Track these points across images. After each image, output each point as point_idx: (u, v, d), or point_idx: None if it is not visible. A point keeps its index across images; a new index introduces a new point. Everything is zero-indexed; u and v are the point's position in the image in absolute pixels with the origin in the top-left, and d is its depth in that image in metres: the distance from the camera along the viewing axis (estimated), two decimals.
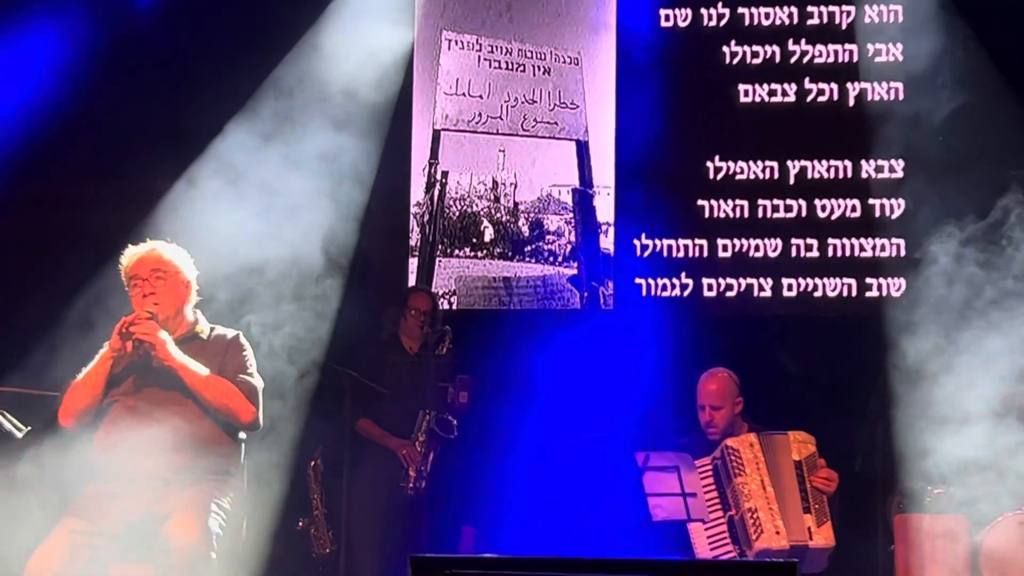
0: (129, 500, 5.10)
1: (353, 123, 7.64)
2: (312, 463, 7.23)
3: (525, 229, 7.99)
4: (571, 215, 7.94)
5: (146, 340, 5.15)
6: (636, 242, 7.84)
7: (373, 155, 7.74)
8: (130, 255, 5.36)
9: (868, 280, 7.63)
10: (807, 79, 7.76)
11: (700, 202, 7.79)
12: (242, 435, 5.36)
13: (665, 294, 7.79)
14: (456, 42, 8.04)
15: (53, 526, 5.14)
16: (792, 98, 7.76)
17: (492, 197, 8.00)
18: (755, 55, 7.81)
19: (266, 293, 7.03)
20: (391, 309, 7.51)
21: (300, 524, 7.21)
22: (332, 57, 7.64)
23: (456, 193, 8.03)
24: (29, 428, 5.88)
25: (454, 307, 7.96)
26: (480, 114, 8.02)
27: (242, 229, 7.17)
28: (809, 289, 7.69)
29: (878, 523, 6.71)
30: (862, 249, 7.65)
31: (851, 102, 7.71)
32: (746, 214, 7.75)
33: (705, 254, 7.78)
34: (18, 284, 7.62)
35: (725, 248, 7.76)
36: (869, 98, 7.67)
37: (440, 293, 7.87)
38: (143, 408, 5.21)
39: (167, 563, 4.96)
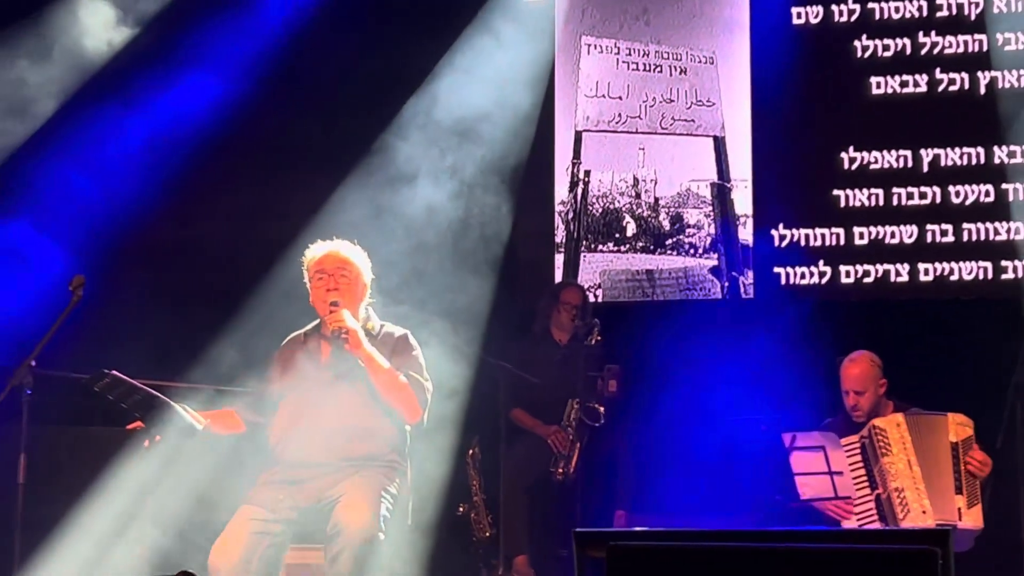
0: (302, 487, 5.21)
1: (499, 128, 7.77)
2: (470, 451, 7.25)
3: (666, 223, 8.03)
4: (710, 208, 7.98)
5: (342, 327, 5.21)
6: (774, 232, 7.87)
7: (520, 157, 7.88)
8: (316, 249, 5.43)
9: (1003, 263, 7.58)
10: (938, 69, 7.72)
11: (835, 192, 7.80)
12: (407, 425, 5.40)
13: (803, 282, 7.80)
14: (595, 46, 8.11)
15: (231, 514, 5.23)
16: (923, 88, 7.73)
17: (633, 193, 8.05)
18: (886, 48, 7.80)
19: (424, 290, 7.15)
20: (543, 302, 7.61)
21: (460, 510, 7.20)
22: (477, 66, 7.75)
23: (598, 191, 8.10)
24: (208, 421, 5.82)
25: (599, 300, 8.01)
26: (620, 114, 8.08)
27: (398, 230, 7.38)
28: (945, 273, 7.67)
29: (1020, 504, 6.57)
30: (996, 233, 7.60)
31: (982, 90, 7.65)
32: (881, 202, 7.74)
33: (842, 242, 7.78)
34: (207, 288, 7.82)
35: (861, 236, 7.76)
36: (1000, 86, 7.61)
37: (585, 287, 7.91)
38: (314, 399, 5.29)
39: (339, 545, 5.01)
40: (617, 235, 8.11)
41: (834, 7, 7.88)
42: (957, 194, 7.70)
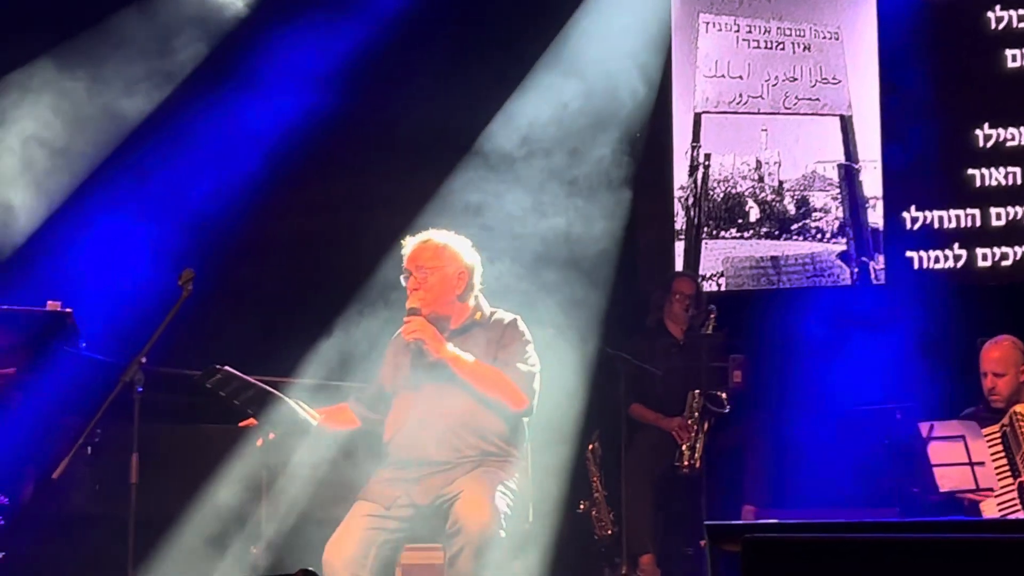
0: (418, 484, 5.17)
1: (614, 111, 7.72)
2: (590, 447, 7.27)
3: (791, 207, 7.98)
4: (837, 191, 7.92)
5: (414, 339, 5.19)
6: (905, 215, 7.79)
7: (637, 142, 7.82)
8: (407, 245, 5.32)
9: None
10: None
11: (970, 171, 7.72)
12: (526, 419, 5.34)
13: (937, 266, 7.74)
14: (714, 24, 8.07)
15: (346, 510, 5.18)
16: None
17: (756, 177, 8.01)
18: (1021, 19, 7.71)
19: (541, 281, 7.12)
20: (656, 294, 7.59)
21: (581, 506, 7.23)
22: (589, 49, 7.72)
23: (719, 175, 8.06)
24: (323, 417, 5.86)
25: (722, 288, 7.99)
26: (741, 95, 8.04)
27: (513, 218, 7.37)
28: None
29: None
30: None
31: None
32: (1019, 181, 7.65)
33: (978, 224, 7.69)
34: (304, 284, 7.92)
35: (998, 217, 7.67)
36: None
37: (707, 275, 7.90)
38: (426, 394, 5.23)
39: (458, 543, 4.97)
40: (740, 220, 8.06)
41: None
42: None
